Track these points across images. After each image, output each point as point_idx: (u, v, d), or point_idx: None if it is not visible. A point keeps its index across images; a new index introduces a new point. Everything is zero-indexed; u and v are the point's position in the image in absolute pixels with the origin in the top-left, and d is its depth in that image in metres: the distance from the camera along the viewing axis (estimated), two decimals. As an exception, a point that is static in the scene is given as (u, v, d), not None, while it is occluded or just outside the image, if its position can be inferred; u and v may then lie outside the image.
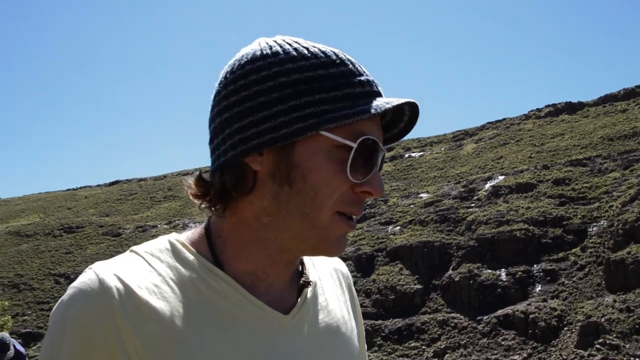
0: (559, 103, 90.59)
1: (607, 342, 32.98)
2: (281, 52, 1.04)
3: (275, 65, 1.02)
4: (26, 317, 58.24)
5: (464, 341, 39.63)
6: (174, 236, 1.15)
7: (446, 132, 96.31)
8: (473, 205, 56.03)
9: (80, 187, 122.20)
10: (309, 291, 1.20)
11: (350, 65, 1.05)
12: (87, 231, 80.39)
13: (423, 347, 40.79)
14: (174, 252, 1.10)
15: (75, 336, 0.98)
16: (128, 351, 0.98)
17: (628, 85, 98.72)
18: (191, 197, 1.14)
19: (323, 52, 1.05)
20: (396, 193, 67.68)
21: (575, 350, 33.78)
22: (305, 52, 1.05)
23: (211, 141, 1.11)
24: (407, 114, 1.12)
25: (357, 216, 1.07)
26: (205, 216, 1.18)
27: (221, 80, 1.08)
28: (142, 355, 0.98)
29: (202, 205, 1.13)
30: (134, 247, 1.11)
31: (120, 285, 0.99)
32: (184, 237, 1.15)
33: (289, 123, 1.00)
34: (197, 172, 1.15)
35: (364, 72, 1.07)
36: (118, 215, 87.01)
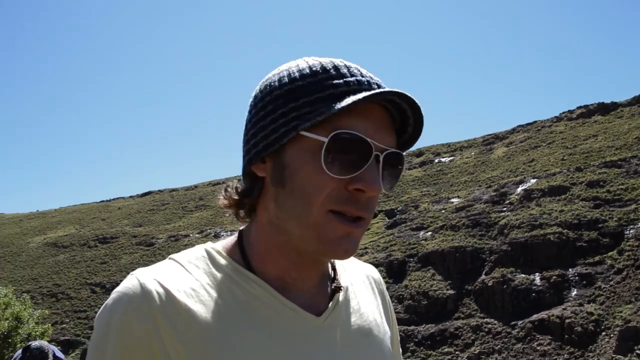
0: (592, 104, 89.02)
1: (647, 346, 32.24)
2: (284, 72, 1.12)
3: (275, 82, 1.11)
4: (64, 325, 59.50)
5: (498, 346, 39.14)
6: (209, 245, 1.22)
7: (476, 136, 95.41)
8: (505, 209, 55.41)
9: (114, 199, 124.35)
10: (341, 295, 1.24)
11: (343, 69, 1.09)
12: (121, 241, 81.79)
13: (457, 352, 40.42)
14: (210, 259, 1.16)
15: (119, 338, 1.04)
16: (169, 352, 1.03)
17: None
18: (224, 207, 1.23)
19: (319, 62, 1.11)
20: (427, 198, 67.29)
21: (614, 355, 33.08)
22: (304, 65, 1.13)
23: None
24: (410, 116, 1.13)
25: (358, 215, 1.07)
26: (238, 225, 1.27)
27: (250, 101, 1.19)
28: (182, 354, 1.03)
29: (228, 214, 1.24)
30: (172, 255, 1.18)
31: (160, 289, 1.06)
32: (219, 246, 1.22)
33: (277, 129, 1.07)
34: (226, 184, 1.24)
35: (359, 74, 1.11)
36: (151, 225, 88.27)
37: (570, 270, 43.00)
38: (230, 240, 1.22)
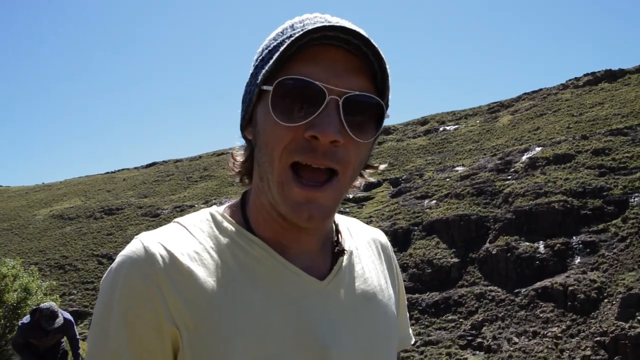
0: (599, 71, 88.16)
1: (649, 313, 32.50)
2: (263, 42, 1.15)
3: (256, 53, 1.14)
4: (72, 297, 60.28)
5: (502, 314, 39.52)
6: (214, 208, 1.22)
7: (481, 104, 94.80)
8: (510, 177, 55.32)
9: (119, 170, 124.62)
10: (345, 259, 1.23)
11: (305, 22, 1.09)
12: (127, 213, 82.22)
13: (460, 319, 40.84)
14: (214, 222, 1.17)
15: (124, 298, 1.05)
16: (172, 312, 1.03)
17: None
18: (231, 174, 1.24)
19: (288, 22, 1.11)
20: (431, 167, 67.20)
21: (615, 322, 33.37)
22: (276, 30, 1.15)
23: None
24: (372, 60, 1.08)
25: (320, 166, 1.04)
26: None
27: None
28: (185, 316, 1.04)
29: (236, 180, 1.24)
30: (177, 219, 1.19)
31: (164, 252, 1.06)
32: (223, 209, 1.22)
33: (249, 90, 1.11)
34: (232, 152, 1.23)
35: (317, 22, 1.08)
36: (156, 196, 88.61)
37: (574, 238, 43.11)
38: (234, 203, 1.23)
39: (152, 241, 1.08)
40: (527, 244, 44.14)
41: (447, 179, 60.03)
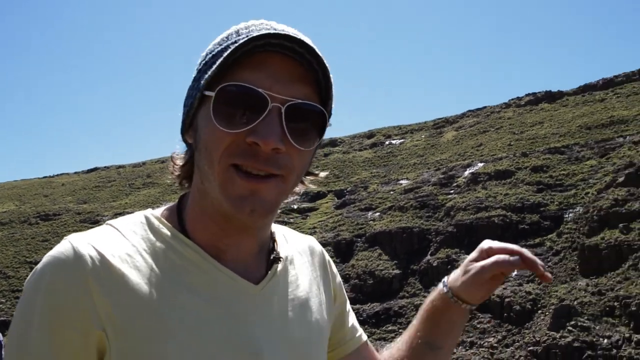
0: (539, 92, 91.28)
1: (579, 324, 33.51)
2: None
3: (200, 58, 1.15)
4: (1, 306, 57.69)
5: (441, 325, 39.99)
6: (149, 211, 1.19)
7: (427, 120, 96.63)
8: (452, 191, 56.38)
9: (57, 175, 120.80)
10: (280, 266, 1.24)
11: (250, 28, 1.05)
12: (65, 219, 79.63)
13: (400, 330, 40.87)
14: (149, 225, 1.13)
15: (48, 300, 0.99)
16: (100, 315, 0.99)
17: (607, 75, 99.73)
18: (171, 178, 1.23)
19: (233, 29, 1.09)
20: (376, 179, 67.89)
21: (547, 332, 34.27)
22: (220, 35, 1.13)
23: None
24: (317, 68, 1.06)
25: (261, 171, 1.02)
26: None
27: None
28: (114, 320, 0.99)
29: (176, 183, 1.22)
30: (110, 221, 1.13)
31: (94, 253, 1.02)
32: (158, 212, 1.20)
33: (191, 95, 1.10)
34: (172, 155, 1.24)
35: (260, 29, 1.05)
36: (96, 202, 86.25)
37: (511, 251, 44.13)
38: (171, 207, 1.21)
39: (82, 242, 1.05)
40: (467, 256, 44.83)
41: (391, 192, 60.71)
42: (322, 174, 1.30)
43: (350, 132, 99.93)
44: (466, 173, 59.63)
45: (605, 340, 31.85)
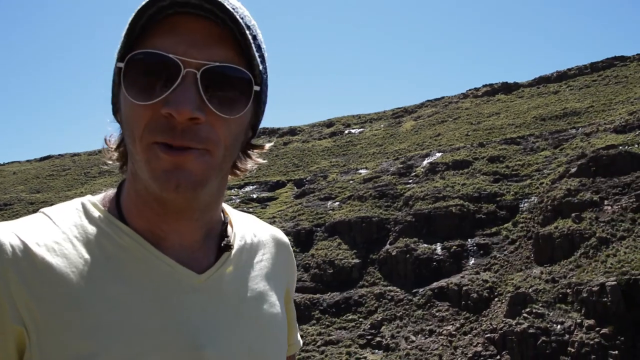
0: (496, 83, 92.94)
1: (534, 311, 34.40)
2: None
3: None
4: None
5: (400, 313, 40.47)
6: (87, 197, 1.09)
7: (386, 109, 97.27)
8: (411, 181, 56.93)
9: (8, 163, 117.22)
10: (233, 255, 1.12)
11: (145, 6, 0.96)
12: (16, 208, 77.27)
13: (360, 319, 41.42)
14: (84, 211, 1.04)
15: None
16: (19, 308, 0.91)
17: (561, 68, 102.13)
18: (108, 161, 1.11)
19: None
20: (335, 169, 68.02)
21: (504, 319, 35.06)
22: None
23: None
24: (234, 29, 0.96)
25: (181, 145, 0.93)
26: None
27: None
28: (35, 314, 0.92)
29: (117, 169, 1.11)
30: (44, 208, 1.04)
31: (16, 242, 0.94)
32: (97, 198, 1.09)
33: (114, 71, 1.01)
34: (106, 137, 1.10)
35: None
36: (50, 191, 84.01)
37: (469, 240, 44.96)
38: (110, 192, 1.11)
39: (5, 230, 0.97)
40: (426, 245, 45.53)
41: (351, 181, 60.94)
42: (267, 145, 1.15)
43: (310, 121, 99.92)
44: (424, 163, 60.30)
45: (559, 326, 32.79)
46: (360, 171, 64.17)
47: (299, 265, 47.83)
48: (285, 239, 1.32)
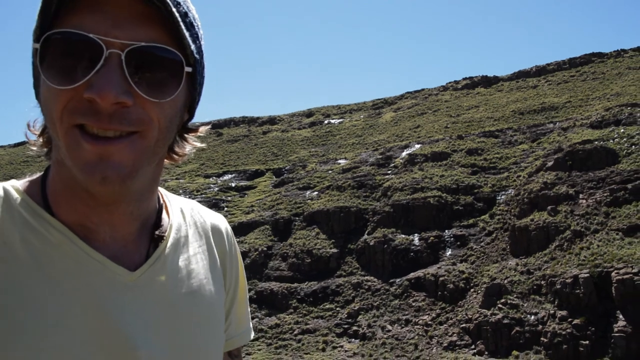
0: (476, 76, 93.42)
1: (508, 301, 34.84)
2: None
3: None
4: None
5: (377, 303, 40.69)
6: (11, 182, 1.00)
7: (366, 100, 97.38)
8: (390, 172, 57.12)
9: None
10: (168, 247, 1.05)
11: None
12: (-10, 193, 76.07)
13: (337, 308, 41.56)
14: (6, 198, 0.96)
15: None
16: None
17: (540, 62, 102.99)
18: (33, 148, 1.02)
19: None
20: (315, 159, 67.99)
21: (479, 310, 35.46)
22: None
23: None
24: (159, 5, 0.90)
25: (106, 130, 0.86)
26: None
27: None
28: None
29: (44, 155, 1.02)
30: None
31: None
32: (20, 183, 1.00)
33: (35, 51, 0.90)
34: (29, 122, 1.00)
35: None
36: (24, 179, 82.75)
37: (446, 231, 45.28)
38: (35, 178, 1.01)
39: None
40: (403, 236, 45.75)
41: (330, 171, 60.96)
42: (204, 128, 1.08)
43: (289, 111, 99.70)
44: (403, 154, 60.54)
45: (532, 317, 33.26)
46: (339, 161, 64.22)
47: (277, 255, 47.84)
48: (226, 225, 1.24)
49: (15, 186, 0.98)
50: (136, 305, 0.98)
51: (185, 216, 1.15)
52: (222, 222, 1.24)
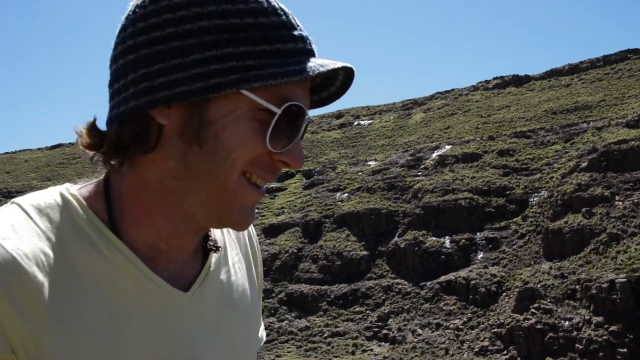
0: (507, 75, 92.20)
1: (542, 306, 34.28)
2: None
3: (196, 5, 0.84)
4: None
5: (407, 306, 40.48)
6: (66, 187, 0.94)
7: (395, 101, 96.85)
8: (420, 173, 56.77)
9: (20, 150, 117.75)
10: (214, 262, 1.03)
11: (284, 17, 0.88)
12: (27, 195, 77.92)
13: (367, 311, 41.48)
14: (66, 209, 0.90)
15: None
16: (8, 333, 0.79)
17: (573, 60, 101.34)
18: (81, 147, 0.93)
19: (296, 21, 0.91)
20: (344, 160, 67.90)
21: (512, 314, 34.97)
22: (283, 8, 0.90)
23: (111, 85, 0.92)
24: (339, 79, 0.95)
25: (266, 183, 0.91)
26: (98, 172, 0.98)
27: (129, 14, 0.89)
28: (24, 337, 0.80)
29: (95, 158, 0.93)
30: (17, 199, 0.90)
31: (7, 259, 0.80)
32: (78, 191, 0.94)
33: (205, 76, 0.84)
34: (92, 119, 0.93)
35: (298, 25, 0.89)
36: (61, 179, 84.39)
37: (478, 234, 44.81)
38: (92, 188, 0.95)
39: None
40: (434, 238, 45.44)
41: (360, 173, 60.84)
42: None
43: (319, 112, 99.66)
44: (434, 155, 60.08)
45: (567, 323, 32.67)
46: (369, 163, 64.03)
47: (307, 257, 47.92)
48: (251, 227, 1.19)
49: (72, 193, 0.92)
50: (189, 327, 0.97)
51: None
52: None
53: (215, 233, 1.09)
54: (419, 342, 36.92)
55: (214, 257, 1.04)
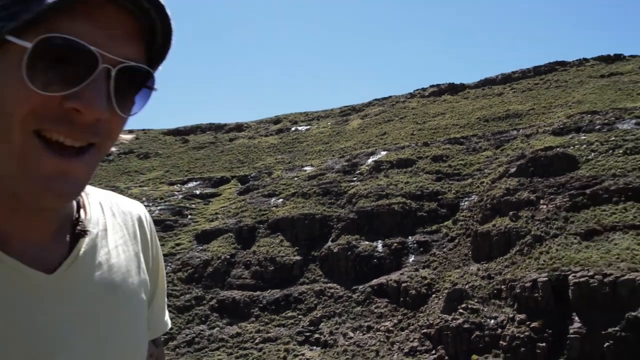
0: (443, 84, 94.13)
1: (469, 306, 34.79)
2: None
3: None
4: None
5: (339, 310, 40.35)
6: None
7: (333, 107, 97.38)
8: (355, 179, 57.00)
9: None
10: (86, 244, 1.00)
11: None
12: None
13: (300, 316, 41.09)
14: None
15: None
16: None
17: (505, 70, 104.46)
18: None
19: None
20: (281, 166, 67.57)
21: (440, 315, 35.35)
22: None
23: None
24: (157, 23, 0.88)
25: (77, 141, 0.82)
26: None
27: None
28: None
29: None
30: None
31: None
32: None
33: None
34: None
35: None
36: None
37: (410, 238, 45.23)
38: None
39: None
40: (367, 243, 45.58)
41: (295, 178, 60.61)
42: (128, 137, 0.99)
43: (257, 118, 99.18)
44: (369, 161, 60.49)
45: (492, 321, 33.25)
46: (305, 168, 63.92)
47: (240, 263, 47.22)
48: (144, 211, 1.13)
49: None
50: (53, 309, 0.92)
51: (104, 209, 1.07)
52: (140, 210, 1.14)
53: (97, 216, 1.04)
54: (350, 345, 36.80)
55: (87, 240, 1.00)
